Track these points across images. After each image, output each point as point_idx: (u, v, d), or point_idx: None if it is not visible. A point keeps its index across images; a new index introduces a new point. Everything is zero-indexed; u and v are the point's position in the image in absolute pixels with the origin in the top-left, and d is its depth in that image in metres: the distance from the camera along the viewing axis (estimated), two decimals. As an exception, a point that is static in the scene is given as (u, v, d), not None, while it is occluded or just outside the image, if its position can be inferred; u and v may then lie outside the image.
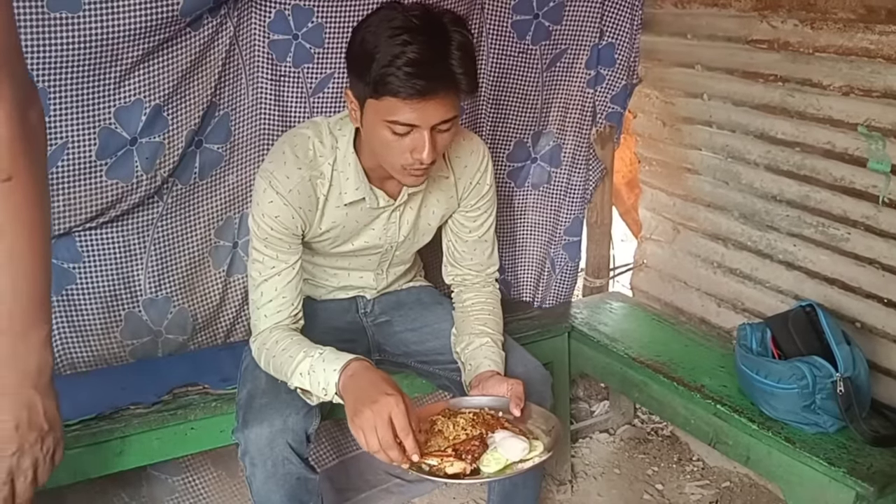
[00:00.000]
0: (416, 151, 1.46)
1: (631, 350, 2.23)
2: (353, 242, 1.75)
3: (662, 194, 2.60)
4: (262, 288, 1.63)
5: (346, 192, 1.63)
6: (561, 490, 2.40)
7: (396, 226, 1.75)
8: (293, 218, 1.60)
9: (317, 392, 1.49)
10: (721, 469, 2.50)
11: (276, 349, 1.58)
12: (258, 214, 1.60)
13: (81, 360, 1.96)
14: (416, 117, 1.42)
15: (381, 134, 1.47)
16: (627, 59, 2.32)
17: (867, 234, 1.96)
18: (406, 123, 1.43)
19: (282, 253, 1.62)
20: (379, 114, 1.44)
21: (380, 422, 1.33)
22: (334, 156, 1.62)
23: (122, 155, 1.80)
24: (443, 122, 1.45)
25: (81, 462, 1.70)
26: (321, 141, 1.62)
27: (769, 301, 2.26)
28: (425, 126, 1.43)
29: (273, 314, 1.63)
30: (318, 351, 1.51)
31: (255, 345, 1.65)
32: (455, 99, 1.46)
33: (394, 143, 1.46)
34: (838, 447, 1.75)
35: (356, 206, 1.67)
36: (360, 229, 1.73)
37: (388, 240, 1.77)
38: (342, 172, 1.62)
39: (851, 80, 1.90)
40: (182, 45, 1.78)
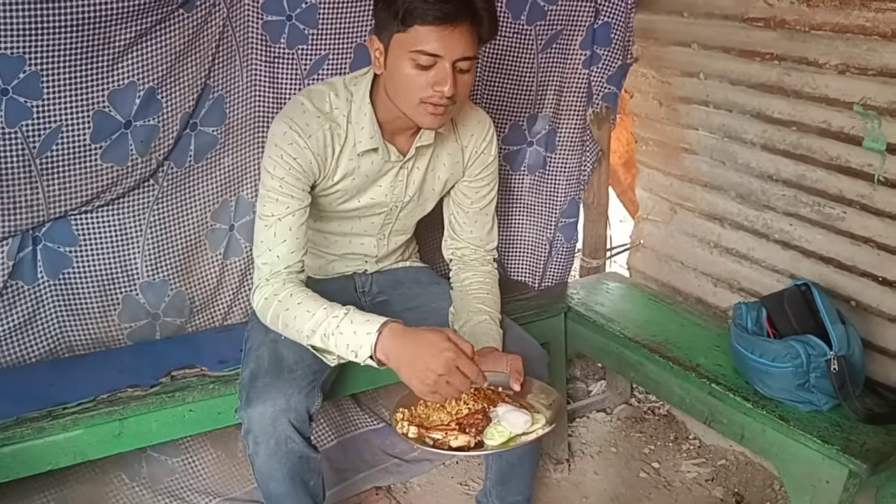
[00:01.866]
0: (439, 84, 1.50)
1: (627, 330, 2.24)
2: (360, 199, 1.77)
3: (659, 174, 2.60)
4: (276, 228, 1.61)
5: (361, 140, 1.66)
6: (558, 469, 2.42)
7: (404, 184, 1.77)
8: (311, 162, 1.63)
9: (343, 353, 1.50)
10: (717, 447, 2.51)
11: (290, 302, 1.57)
12: (276, 155, 1.61)
13: (79, 343, 1.97)
14: (440, 47, 1.47)
15: (404, 70, 1.51)
16: (623, 39, 2.31)
17: (863, 212, 1.96)
18: (431, 53, 1.48)
19: (296, 193, 1.63)
20: (405, 46, 1.49)
21: (452, 374, 1.39)
22: (349, 108, 1.66)
23: (116, 138, 1.80)
24: (463, 58, 1.50)
25: (80, 444, 1.71)
26: (336, 95, 1.66)
27: (765, 280, 2.27)
28: (448, 58, 1.48)
29: (287, 255, 1.62)
30: (343, 311, 1.51)
31: (265, 292, 1.62)
32: (475, 37, 1.52)
33: (417, 76, 1.51)
34: (832, 425, 1.76)
35: (368, 157, 1.69)
36: (369, 184, 1.75)
37: (394, 198, 1.79)
38: (357, 123, 1.66)
39: (848, 59, 1.89)
40: (175, 26, 1.77)
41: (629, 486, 2.36)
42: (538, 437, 1.42)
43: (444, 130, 1.74)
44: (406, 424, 1.42)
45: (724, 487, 2.34)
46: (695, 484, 2.37)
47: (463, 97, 1.59)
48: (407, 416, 1.46)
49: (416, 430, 1.41)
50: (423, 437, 1.40)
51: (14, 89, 1.63)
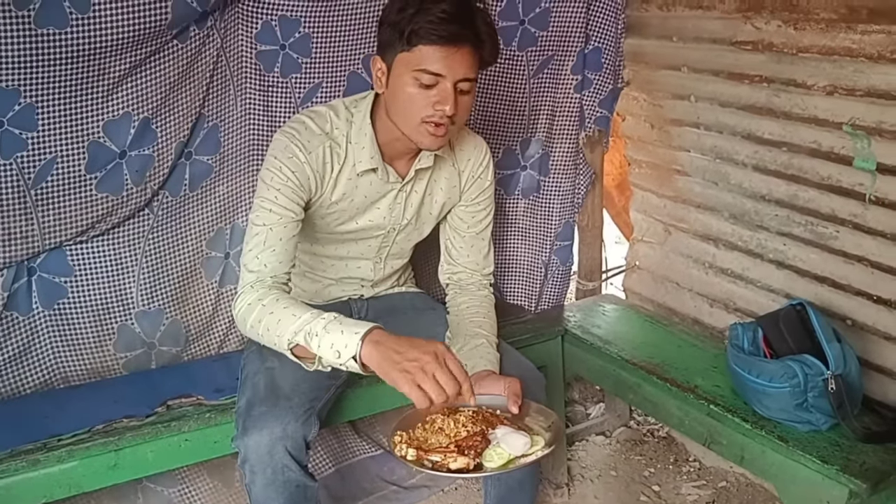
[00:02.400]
0: (440, 103, 1.54)
1: (624, 352, 2.24)
2: (358, 220, 1.78)
3: (653, 196, 2.62)
4: (265, 235, 1.60)
5: (361, 160, 1.68)
6: (558, 493, 2.40)
7: (402, 206, 1.79)
8: (308, 179, 1.64)
9: (326, 353, 1.45)
10: (717, 469, 2.50)
11: (276, 306, 1.54)
12: (275, 167, 1.62)
13: (74, 374, 1.96)
14: (443, 66, 1.51)
15: (407, 89, 1.55)
16: (613, 63, 2.34)
17: (855, 231, 1.97)
18: (434, 73, 1.52)
19: (290, 205, 1.63)
20: (409, 65, 1.53)
21: (437, 369, 1.37)
22: (349, 128, 1.68)
23: (111, 168, 1.81)
24: (465, 79, 1.54)
25: (75, 476, 1.70)
26: (337, 115, 1.69)
27: (761, 300, 2.27)
28: (450, 77, 1.52)
29: (274, 265, 1.60)
30: (333, 315, 1.48)
31: (248, 298, 1.58)
32: (477, 59, 1.56)
33: (419, 95, 1.54)
34: (831, 445, 1.76)
35: (367, 178, 1.71)
36: (367, 206, 1.76)
37: (392, 221, 1.80)
38: (357, 143, 1.68)
39: (835, 80, 1.91)
40: (169, 57, 1.79)
41: (630, 510, 2.35)
42: (538, 458, 1.41)
43: (443, 154, 1.76)
44: (405, 447, 1.41)
45: (724, 510, 2.33)
46: (695, 506, 2.35)
47: (462, 119, 1.62)
48: (405, 438, 1.44)
49: (414, 452, 1.40)
50: (421, 460, 1.39)
51: (9, 121, 1.64)
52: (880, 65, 1.81)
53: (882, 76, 1.81)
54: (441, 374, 1.37)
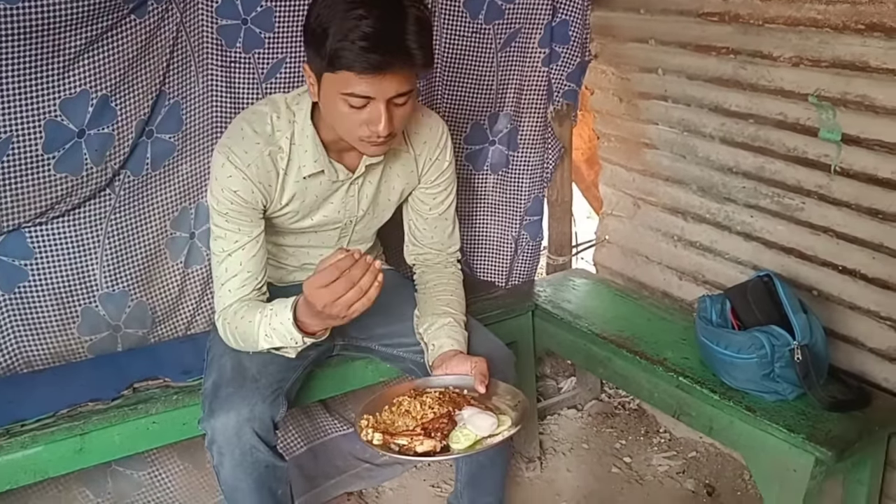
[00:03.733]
0: (373, 124, 1.47)
1: (595, 326, 2.24)
2: (313, 217, 1.74)
3: (622, 170, 2.62)
4: (226, 263, 1.62)
5: (305, 164, 1.63)
6: (530, 467, 2.42)
7: (355, 199, 1.75)
8: (253, 192, 1.59)
9: (287, 343, 1.52)
10: (687, 440, 2.53)
11: (236, 320, 1.60)
12: (217, 189, 1.59)
13: (38, 358, 1.92)
14: (371, 90, 1.43)
15: (338, 107, 1.48)
16: (581, 36, 2.32)
17: (821, 202, 1.99)
18: (362, 96, 1.44)
19: (244, 226, 1.61)
20: (335, 87, 1.45)
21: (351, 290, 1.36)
22: (291, 129, 1.62)
23: (69, 148, 1.76)
24: (398, 95, 1.46)
25: (40, 461, 1.67)
26: (278, 116, 1.62)
27: (729, 272, 2.29)
28: (381, 98, 1.44)
29: (237, 289, 1.62)
30: (269, 308, 1.54)
31: (220, 322, 1.65)
32: (411, 73, 1.46)
33: (351, 115, 1.47)
34: (797, 414, 1.78)
35: (315, 179, 1.66)
36: (320, 203, 1.72)
37: (347, 214, 1.77)
38: (300, 146, 1.62)
39: (801, 51, 1.91)
40: (127, 32, 1.74)
41: (602, 482, 2.37)
42: (504, 439, 1.41)
43: (395, 142, 1.70)
44: (371, 431, 1.41)
45: (695, 479, 2.36)
46: (666, 477, 2.38)
47: (401, 126, 1.55)
48: (371, 422, 1.44)
49: (380, 436, 1.39)
50: (388, 444, 1.38)
51: (-40, 101, 1.59)
52: (845, 35, 1.81)
53: (846, 47, 1.81)
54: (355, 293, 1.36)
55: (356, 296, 1.36)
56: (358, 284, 1.35)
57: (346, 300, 1.36)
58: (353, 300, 1.36)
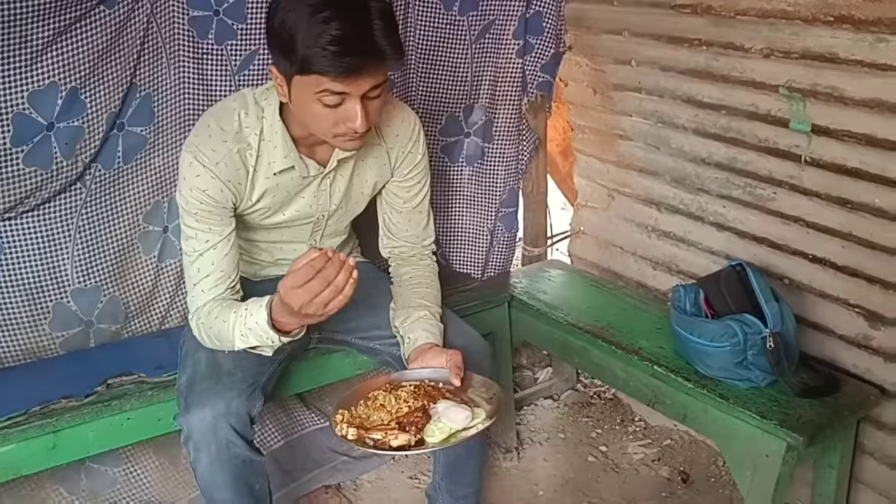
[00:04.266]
0: (350, 120, 1.46)
1: (570, 317, 2.26)
2: (284, 212, 1.73)
3: (596, 161, 2.63)
4: (198, 263, 1.60)
5: (275, 160, 1.61)
6: (507, 457, 2.43)
7: (327, 194, 1.74)
8: (222, 191, 1.58)
9: (264, 343, 1.51)
10: (662, 428, 2.56)
11: (210, 320, 1.58)
12: (185, 189, 1.57)
13: (8, 355, 1.89)
14: (345, 87, 1.42)
15: (311, 108, 1.46)
16: (555, 28, 2.33)
17: (792, 192, 2.01)
18: (337, 92, 1.42)
19: (214, 226, 1.59)
20: (308, 88, 1.43)
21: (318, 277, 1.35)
22: (261, 126, 1.60)
23: (38, 141, 1.73)
24: (373, 87, 1.45)
25: (13, 459, 1.66)
26: (246, 112, 1.60)
27: (702, 262, 2.31)
28: (356, 93, 1.43)
29: (210, 288, 1.61)
30: (244, 308, 1.52)
31: (194, 323, 1.64)
32: (382, 69, 1.46)
33: (326, 114, 1.46)
34: (770, 401, 1.81)
35: (286, 175, 1.65)
36: (291, 199, 1.71)
37: (319, 209, 1.76)
38: (269, 142, 1.60)
39: (772, 43, 1.93)
40: (96, 23, 1.72)
41: (578, 471, 2.39)
42: (479, 431, 1.41)
43: (370, 137, 1.69)
44: (345, 427, 1.40)
45: (670, 467, 2.38)
46: (642, 465, 2.41)
47: (375, 120, 1.55)
48: (346, 417, 1.43)
49: (355, 431, 1.39)
50: (362, 438, 1.38)
51: (-74, 93, 1.56)
52: (815, 27, 1.83)
53: (816, 38, 1.83)
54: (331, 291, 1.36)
55: (332, 294, 1.35)
56: (333, 283, 1.35)
57: (322, 299, 1.35)
58: (329, 299, 1.36)
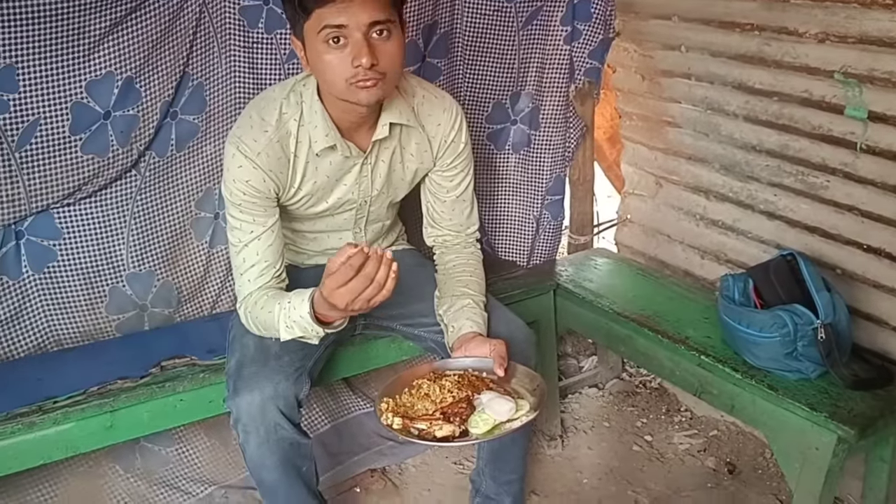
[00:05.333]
0: (356, 59, 1.45)
1: (616, 305, 2.25)
2: (328, 200, 1.75)
3: (644, 148, 2.60)
4: (244, 253, 1.63)
5: (317, 140, 1.63)
6: (552, 445, 2.43)
7: (369, 179, 1.75)
8: (265, 181, 1.60)
9: (309, 334, 1.53)
10: (708, 418, 2.53)
11: (257, 310, 1.61)
12: (229, 180, 1.60)
13: (67, 337, 1.96)
14: (344, 18, 1.43)
15: (322, 56, 1.48)
16: (604, 13, 2.30)
17: (846, 181, 1.97)
18: (336, 25, 1.43)
19: (258, 216, 1.62)
20: (314, 31, 1.46)
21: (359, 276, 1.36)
22: (300, 111, 1.62)
23: (96, 129, 1.78)
24: (374, 23, 1.45)
25: (72, 437, 1.71)
26: (287, 99, 1.62)
27: (751, 251, 2.28)
28: (356, 27, 1.44)
29: (256, 278, 1.64)
30: (287, 300, 1.53)
31: (241, 311, 1.67)
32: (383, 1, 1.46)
33: (335, 59, 1.47)
34: (820, 392, 1.78)
35: (326, 158, 1.66)
36: (333, 185, 1.72)
37: (361, 194, 1.77)
38: (309, 123, 1.62)
39: (827, 27, 1.89)
40: (150, 14, 1.76)
41: (623, 460, 2.38)
42: (522, 424, 1.42)
43: (408, 121, 1.69)
44: (390, 415, 1.42)
45: (716, 457, 2.36)
46: (687, 455, 2.39)
47: (393, 68, 1.52)
48: (391, 405, 1.45)
49: (400, 420, 1.40)
50: (407, 428, 1.39)
51: (-11, 83, 1.62)
52: (873, 10, 1.78)
53: (874, 22, 1.79)
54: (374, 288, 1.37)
55: (375, 291, 1.37)
56: (375, 279, 1.36)
57: (365, 296, 1.37)
58: (372, 295, 1.37)
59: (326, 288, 1.39)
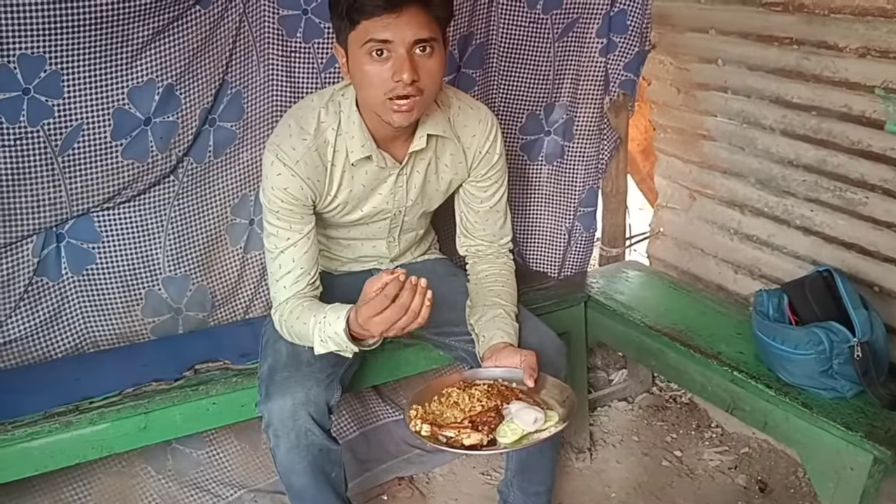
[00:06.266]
0: (397, 73, 1.46)
1: (647, 318, 2.23)
2: (362, 208, 1.76)
3: (678, 161, 2.59)
4: (280, 260, 1.65)
5: (353, 150, 1.64)
6: (580, 458, 2.42)
7: (404, 190, 1.76)
8: (302, 189, 1.62)
9: (343, 350, 1.54)
10: (739, 435, 2.50)
11: (292, 320, 1.62)
12: (268, 188, 1.62)
13: (104, 338, 2.00)
14: (389, 34, 1.44)
15: (364, 67, 1.49)
16: (640, 26, 2.29)
17: (885, 197, 1.94)
18: (381, 39, 1.44)
19: (295, 223, 1.64)
20: (358, 42, 1.47)
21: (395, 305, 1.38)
22: (338, 120, 1.64)
23: (136, 135, 1.82)
24: (418, 40, 1.46)
25: (107, 437, 1.74)
26: (325, 108, 1.64)
27: (786, 267, 2.25)
28: (400, 42, 1.45)
29: (291, 285, 1.65)
30: (323, 315, 1.54)
31: (276, 317, 1.69)
32: (428, 18, 1.47)
33: (375, 72, 1.48)
34: (856, 411, 1.75)
35: (362, 168, 1.68)
36: (368, 194, 1.74)
37: (396, 204, 1.78)
38: (347, 133, 1.64)
39: (868, 42, 1.87)
40: (191, 22, 1.79)
41: (652, 475, 2.36)
42: (551, 435, 1.42)
43: (444, 133, 1.70)
44: (419, 422, 1.42)
45: (747, 475, 2.33)
46: (718, 472, 2.36)
47: (431, 86, 1.53)
48: (420, 413, 1.45)
49: (428, 427, 1.40)
50: (435, 435, 1.40)
51: (35, 88, 1.65)
52: (915, 26, 1.76)
53: (916, 38, 1.77)
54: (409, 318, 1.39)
55: (409, 320, 1.39)
56: (410, 309, 1.38)
57: (400, 325, 1.39)
58: (407, 323, 1.39)
59: (362, 316, 1.41)
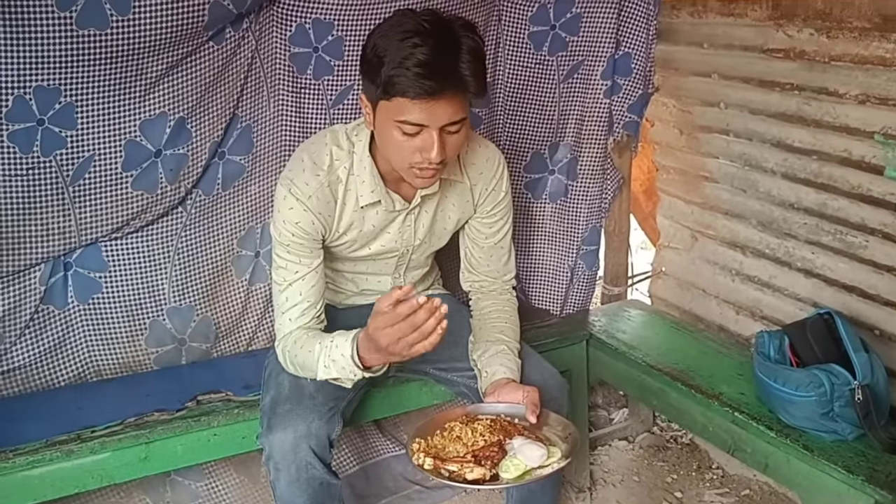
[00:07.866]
0: (425, 151, 1.49)
1: (649, 358, 2.24)
2: (371, 246, 1.78)
3: (680, 202, 2.61)
4: (287, 293, 1.66)
5: (363, 194, 1.66)
6: (580, 497, 2.41)
7: (412, 229, 1.78)
8: (313, 224, 1.64)
9: (346, 375, 1.55)
10: (740, 477, 2.49)
11: (296, 349, 1.63)
12: (279, 221, 1.64)
13: (107, 368, 2.00)
14: (424, 117, 1.45)
15: (391, 134, 1.50)
16: (644, 69, 2.34)
17: (885, 241, 1.96)
18: (415, 123, 1.46)
19: (304, 257, 1.65)
20: (389, 114, 1.48)
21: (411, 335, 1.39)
22: (350, 160, 1.65)
23: (147, 167, 1.84)
24: (451, 122, 1.48)
25: (107, 467, 1.74)
26: (338, 146, 1.66)
27: (787, 308, 2.26)
28: (434, 126, 1.46)
29: (297, 317, 1.66)
30: (329, 339, 1.56)
31: (280, 349, 1.69)
32: (463, 101, 1.49)
33: (404, 143, 1.50)
34: (857, 455, 1.75)
35: (372, 209, 1.70)
36: (377, 233, 1.76)
37: (403, 243, 1.80)
38: (358, 176, 1.66)
39: (867, 89, 1.90)
40: (205, 58, 1.82)
41: (652, 516, 2.34)
42: (553, 471, 1.42)
43: (455, 176, 1.74)
44: (422, 456, 1.42)
45: (747, 518, 2.32)
46: (718, 514, 2.35)
47: (453, 156, 1.57)
48: (423, 446, 1.45)
49: (431, 461, 1.40)
50: (438, 469, 1.40)
51: (49, 119, 1.68)
52: (914, 74, 1.80)
53: (915, 85, 1.80)
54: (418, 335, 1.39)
55: (419, 338, 1.39)
56: (421, 328, 1.38)
57: (409, 341, 1.40)
58: (416, 341, 1.40)
59: (371, 325, 1.42)
